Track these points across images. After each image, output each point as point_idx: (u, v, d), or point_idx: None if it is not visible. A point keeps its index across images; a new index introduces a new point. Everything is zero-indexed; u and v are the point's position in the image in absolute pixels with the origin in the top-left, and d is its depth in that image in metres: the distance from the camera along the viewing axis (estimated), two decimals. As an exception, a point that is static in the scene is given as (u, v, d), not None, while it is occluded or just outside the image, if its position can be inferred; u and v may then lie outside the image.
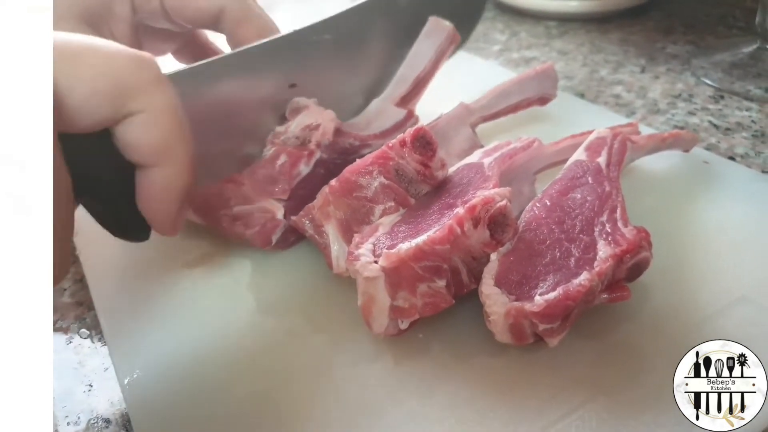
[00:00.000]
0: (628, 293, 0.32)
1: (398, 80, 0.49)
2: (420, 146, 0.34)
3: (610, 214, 0.33)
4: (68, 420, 0.33)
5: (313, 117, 0.43)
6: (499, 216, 0.30)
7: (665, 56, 0.70)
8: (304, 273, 0.40)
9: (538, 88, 0.50)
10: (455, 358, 0.33)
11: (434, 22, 0.50)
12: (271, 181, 0.41)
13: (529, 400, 0.30)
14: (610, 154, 0.37)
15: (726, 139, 0.52)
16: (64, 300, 0.41)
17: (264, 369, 0.34)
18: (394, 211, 0.35)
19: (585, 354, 0.32)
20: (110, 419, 0.33)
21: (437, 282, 0.31)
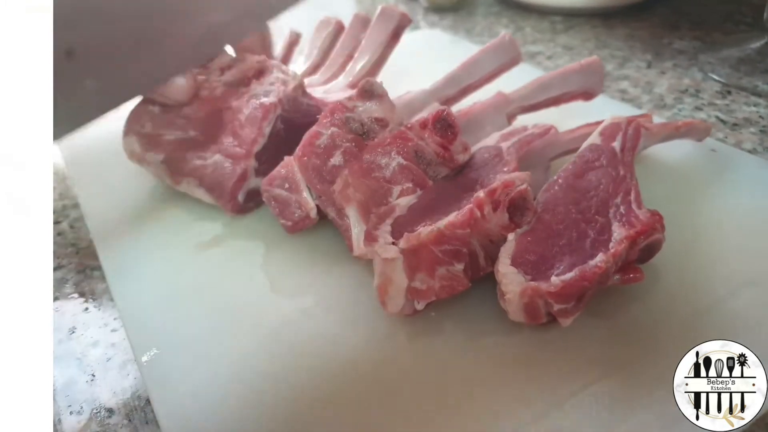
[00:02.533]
0: (642, 275, 0.33)
1: (449, 80, 0.49)
2: (441, 128, 0.35)
3: (625, 197, 0.34)
4: (71, 410, 0.33)
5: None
6: (518, 199, 0.31)
7: (671, 52, 0.70)
8: (317, 255, 0.40)
9: (582, 82, 0.48)
10: (468, 336, 0.33)
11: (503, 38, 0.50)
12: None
13: (543, 378, 0.31)
14: (625, 139, 0.38)
15: (734, 135, 0.53)
16: (67, 290, 0.41)
17: (278, 347, 0.34)
18: (411, 192, 0.36)
19: (597, 333, 0.33)
20: (113, 409, 0.33)
21: (456, 266, 0.32)
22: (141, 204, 0.47)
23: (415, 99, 0.48)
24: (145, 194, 0.47)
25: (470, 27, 0.84)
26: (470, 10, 0.90)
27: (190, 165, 0.43)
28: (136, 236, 0.43)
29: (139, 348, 0.34)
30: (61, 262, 0.44)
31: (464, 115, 0.45)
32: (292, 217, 0.40)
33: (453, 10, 0.90)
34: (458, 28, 0.84)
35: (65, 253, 0.45)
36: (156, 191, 0.47)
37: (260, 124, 0.42)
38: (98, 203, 0.47)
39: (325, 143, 0.39)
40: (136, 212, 0.46)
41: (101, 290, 0.41)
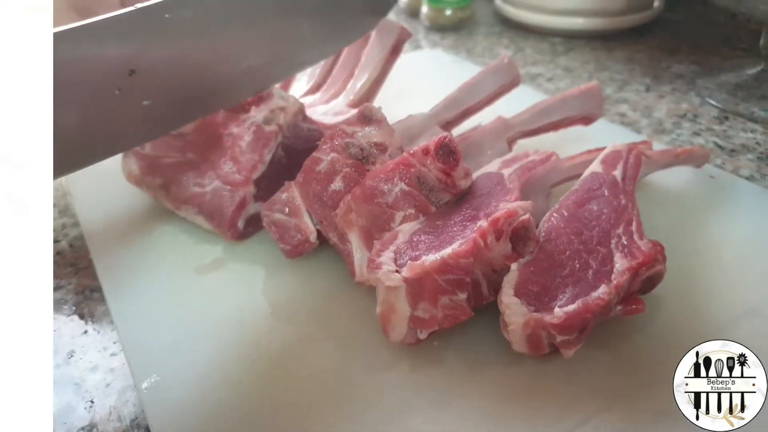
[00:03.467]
0: (643, 306, 0.33)
1: (449, 103, 0.50)
2: (443, 155, 0.35)
3: (626, 227, 0.34)
4: None
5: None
6: (521, 229, 0.31)
7: (670, 75, 0.71)
8: (318, 280, 0.40)
9: (581, 107, 0.48)
10: (470, 366, 0.33)
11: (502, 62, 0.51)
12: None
13: (545, 409, 0.31)
14: (626, 168, 0.38)
15: (731, 161, 0.53)
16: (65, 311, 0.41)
17: (279, 374, 0.34)
18: (414, 218, 0.36)
19: (599, 364, 0.33)
20: None
21: (459, 295, 0.32)
22: (142, 225, 0.46)
23: (415, 123, 0.48)
24: (146, 215, 0.47)
25: (471, 47, 0.85)
26: (471, 30, 0.91)
27: (189, 192, 0.43)
28: (137, 258, 0.43)
29: (140, 374, 0.34)
30: (60, 283, 0.43)
31: (465, 139, 0.45)
32: (292, 241, 0.40)
33: (454, 30, 0.90)
34: (459, 48, 0.84)
35: (64, 273, 0.45)
36: (156, 212, 0.47)
37: (261, 151, 0.42)
38: (98, 223, 0.47)
39: (325, 169, 0.39)
40: (137, 233, 0.46)
41: (101, 312, 0.41)
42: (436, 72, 0.73)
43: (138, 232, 0.46)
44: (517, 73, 0.52)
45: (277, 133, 0.43)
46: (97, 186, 0.51)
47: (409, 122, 0.48)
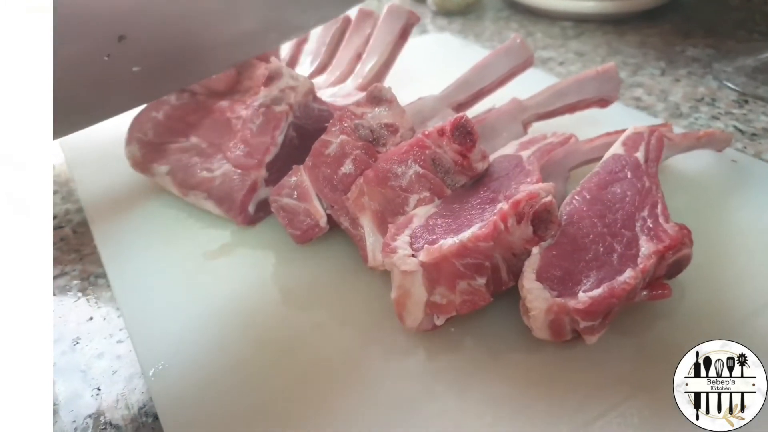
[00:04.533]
0: (669, 291, 0.32)
1: (460, 85, 0.48)
2: (459, 136, 0.34)
3: (651, 210, 0.33)
4: (75, 425, 0.32)
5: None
6: (543, 212, 0.30)
7: (685, 59, 0.69)
8: (328, 266, 0.39)
9: (598, 89, 0.47)
10: (490, 353, 0.32)
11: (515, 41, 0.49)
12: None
13: (568, 397, 0.30)
14: (648, 150, 0.37)
15: (753, 145, 0.52)
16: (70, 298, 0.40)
17: (292, 362, 0.33)
18: (429, 201, 0.35)
19: (623, 351, 0.32)
20: (120, 425, 0.31)
21: (477, 280, 0.30)
22: (146, 210, 0.45)
23: (427, 105, 0.47)
24: (151, 200, 0.46)
25: (479, 31, 0.83)
26: (479, 14, 0.90)
27: (197, 177, 0.42)
28: (142, 244, 0.42)
29: (147, 361, 0.33)
30: (65, 269, 0.42)
31: (479, 122, 0.44)
32: (301, 226, 0.39)
33: (462, 14, 0.89)
34: (467, 32, 0.83)
35: (68, 259, 0.44)
36: (161, 196, 0.46)
37: (273, 133, 0.41)
38: (102, 209, 0.46)
39: (334, 151, 0.38)
40: (142, 219, 0.45)
41: (106, 298, 0.40)
42: (445, 56, 0.72)
43: (143, 217, 0.45)
44: (530, 53, 0.51)
45: (287, 113, 0.41)
46: (100, 172, 0.50)
47: (420, 104, 0.46)
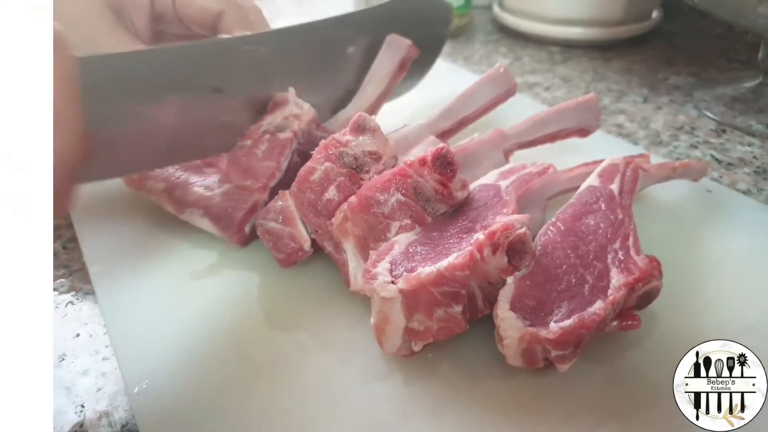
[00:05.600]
0: (638, 322, 0.33)
1: (444, 113, 0.50)
2: (440, 166, 0.35)
3: (623, 242, 0.34)
4: None
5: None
6: (518, 243, 0.31)
7: (667, 87, 0.71)
8: (312, 289, 0.40)
9: (578, 119, 0.48)
10: (465, 379, 0.33)
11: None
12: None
13: (540, 424, 0.31)
14: (623, 182, 0.38)
15: (728, 174, 0.53)
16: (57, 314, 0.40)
17: (272, 383, 0.33)
18: (410, 228, 0.36)
19: (594, 379, 0.33)
20: None
21: (454, 307, 0.31)
22: (136, 228, 0.46)
23: (411, 132, 0.48)
24: (141, 218, 0.47)
25: (469, 55, 0.85)
26: (469, 37, 0.91)
27: (195, 195, 0.43)
28: (131, 262, 0.43)
29: (131, 379, 0.34)
30: (53, 285, 0.43)
31: (461, 150, 0.45)
32: (285, 249, 0.40)
33: (451, 37, 0.90)
34: (457, 55, 0.84)
35: (57, 275, 0.44)
36: (152, 215, 0.47)
37: (278, 158, 0.42)
38: (92, 225, 0.47)
39: (319, 178, 0.39)
40: (131, 236, 0.45)
41: (93, 316, 0.40)
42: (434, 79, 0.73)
43: (132, 235, 0.45)
44: (513, 82, 0.52)
45: (291, 139, 0.43)
46: (91, 188, 0.50)
47: (404, 132, 0.47)
